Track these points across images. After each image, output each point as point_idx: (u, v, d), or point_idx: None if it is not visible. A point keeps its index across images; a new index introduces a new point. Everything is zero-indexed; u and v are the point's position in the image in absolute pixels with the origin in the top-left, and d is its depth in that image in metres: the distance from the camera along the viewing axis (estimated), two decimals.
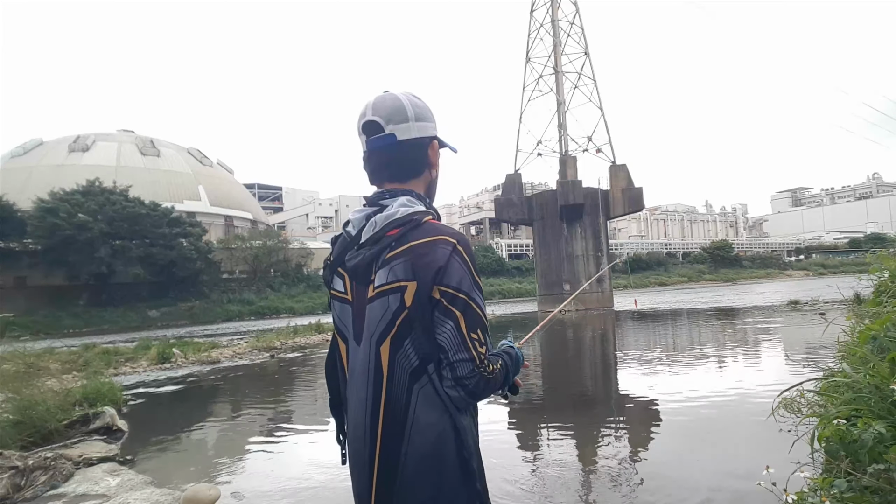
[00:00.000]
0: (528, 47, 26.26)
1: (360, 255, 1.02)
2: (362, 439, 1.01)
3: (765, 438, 3.84)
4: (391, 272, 0.97)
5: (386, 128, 1.05)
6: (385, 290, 0.97)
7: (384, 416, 0.97)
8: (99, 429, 5.23)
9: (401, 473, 0.96)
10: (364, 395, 1.00)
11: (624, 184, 23.91)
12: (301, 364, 10.59)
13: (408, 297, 0.96)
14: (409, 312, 0.96)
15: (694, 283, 55.58)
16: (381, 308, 0.98)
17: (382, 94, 1.09)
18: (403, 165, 1.08)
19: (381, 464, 0.97)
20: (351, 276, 1.04)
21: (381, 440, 0.97)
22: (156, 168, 49.59)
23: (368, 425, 0.99)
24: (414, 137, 1.07)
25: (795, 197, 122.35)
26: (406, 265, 0.96)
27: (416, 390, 0.97)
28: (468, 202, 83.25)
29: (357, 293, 1.03)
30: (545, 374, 8.57)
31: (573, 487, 3.40)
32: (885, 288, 5.35)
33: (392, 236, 0.99)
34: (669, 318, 16.99)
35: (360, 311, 1.02)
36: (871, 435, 1.85)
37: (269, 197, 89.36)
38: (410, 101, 1.08)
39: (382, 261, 0.98)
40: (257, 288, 40.21)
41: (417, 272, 0.95)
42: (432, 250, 0.96)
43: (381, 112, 1.06)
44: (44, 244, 31.08)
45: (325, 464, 4.05)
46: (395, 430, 0.97)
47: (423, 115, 1.09)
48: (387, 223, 1.00)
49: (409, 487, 0.96)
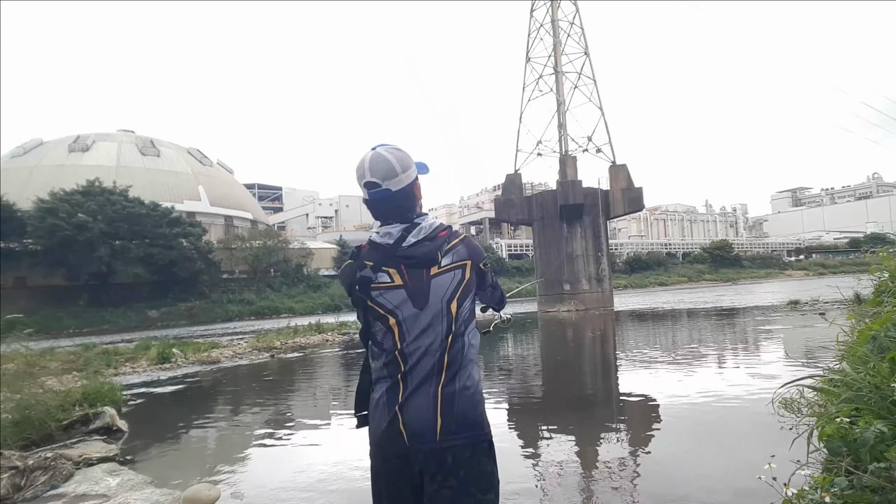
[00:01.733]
0: (528, 47, 26.27)
1: (423, 246, 1.43)
2: (429, 369, 1.36)
3: (765, 438, 3.84)
4: (455, 255, 1.45)
5: (382, 185, 1.43)
6: (451, 267, 1.43)
7: (451, 347, 1.39)
8: (99, 429, 5.23)
9: (458, 390, 1.37)
10: (440, 336, 1.39)
11: (624, 184, 23.91)
12: (301, 364, 10.59)
13: (468, 270, 1.46)
14: (468, 280, 1.45)
15: (694, 283, 55.61)
16: (449, 279, 1.42)
17: (374, 156, 1.44)
18: (403, 206, 1.47)
19: (444, 387, 1.36)
20: (412, 264, 1.42)
21: (448, 364, 1.37)
22: (156, 168, 49.57)
23: (440, 356, 1.38)
24: (403, 186, 1.45)
25: (795, 197, 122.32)
26: (463, 251, 1.47)
27: (468, 333, 1.43)
28: (468, 202, 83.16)
29: (412, 276, 1.41)
30: (545, 374, 8.57)
31: (573, 487, 3.40)
32: (885, 288, 5.35)
33: (443, 236, 1.46)
34: (669, 318, 16.99)
35: (419, 287, 1.40)
36: (873, 433, 1.85)
37: (269, 197, 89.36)
38: (396, 157, 1.44)
39: (445, 250, 1.44)
40: (257, 288, 40.23)
41: (471, 254, 1.48)
42: (473, 243, 1.52)
43: (378, 174, 1.43)
44: (44, 244, 31.09)
45: (325, 463, 4.05)
46: (457, 356, 1.39)
47: (406, 164, 1.46)
48: (434, 228, 1.47)
49: (464, 395, 1.37)
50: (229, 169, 62.27)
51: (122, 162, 48.19)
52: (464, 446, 1.33)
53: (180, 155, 54.26)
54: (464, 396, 1.37)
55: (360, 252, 1.47)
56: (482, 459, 1.36)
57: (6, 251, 30.55)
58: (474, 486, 1.32)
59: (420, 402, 1.34)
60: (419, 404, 1.34)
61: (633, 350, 9.96)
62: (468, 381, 1.39)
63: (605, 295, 23.77)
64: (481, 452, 1.37)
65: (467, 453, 1.33)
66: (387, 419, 1.35)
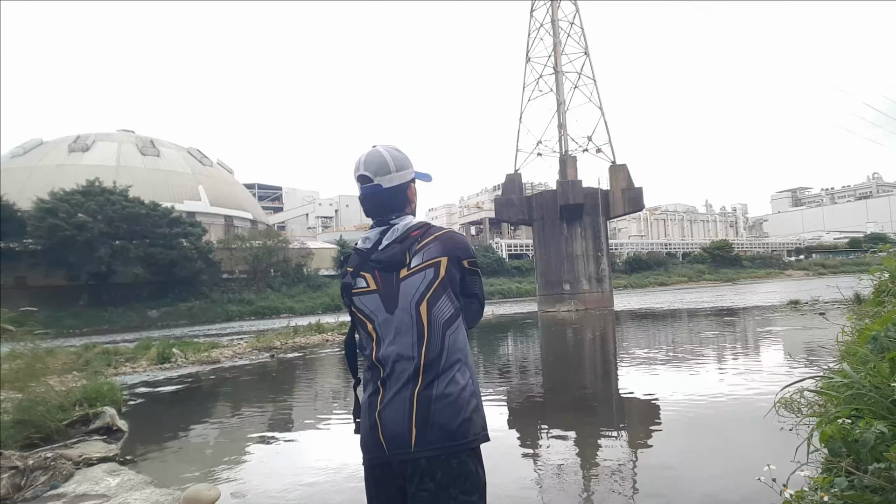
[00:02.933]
0: (528, 47, 26.27)
1: (391, 248, 1.39)
2: (405, 375, 1.33)
3: (765, 438, 3.84)
4: (425, 254, 1.38)
5: (374, 180, 1.43)
6: (421, 267, 1.37)
7: (426, 351, 1.34)
8: (99, 429, 5.22)
9: (435, 397, 1.31)
10: (411, 340, 1.35)
11: (624, 184, 23.91)
12: (301, 364, 10.59)
13: (442, 269, 1.38)
14: (442, 278, 1.38)
15: (694, 283, 55.61)
16: (419, 280, 1.36)
17: (371, 152, 1.45)
18: (391, 205, 1.46)
19: (420, 394, 1.31)
20: (382, 268, 1.39)
21: (423, 369, 1.32)
22: (156, 168, 49.56)
23: (414, 361, 1.33)
24: (395, 185, 1.44)
25: (795, 197, 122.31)
26: (437, 247, 1.39)
27: (447, 335, 1.36)
28: (468, 202, 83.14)
29: (384, 280, 1.39)
30: (545, 374, 8.57)
31: (573, 488, 3.40)
32: (885, 287, 5.35)
33: (415, 235, 1.41)
34: (669, 318, 16.99)
35: (390, 291, 1.38)
36: (874, 434, 1.86)
37: (269, 197, 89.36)
38: (392, 155, 1.44)
39: (414, 250, 1.39)
40: (257, 288, 40.21)
41: (447, 250, 1.40)
42: (453, 237, 1.44)
43: (370, 168, 1.43)
44: (44, 244, 31.09)
45: (325, 463, 4.05)
46: (434, 360, 1.34)
47: (402, 164, 1.46)
48: (407, 228, 1.43)
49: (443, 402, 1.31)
50: (229, 169, 62.26)
51: (122, 162, 48.19)
52: (439, 456, 1.29)
53: (180, 155, 54.26)
54: (442, 404, 1.31)
55: (347, 259, 1.48)
56: (465, 460, 1.32)
57: (6, 251, 30.54)
58: (455, 487, 1.29)
59: (396, 409, 1.31)
60: (395, 411, 1.31)
61: (633, 350, 9.96)
62: (449, 387, 1.33)
63: (605, 295, 23.77)
64: (464, 456, 1.32)
65: (444, 459, 1.29)
66: (368, 426, 1.36)
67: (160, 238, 34.73)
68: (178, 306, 35.07)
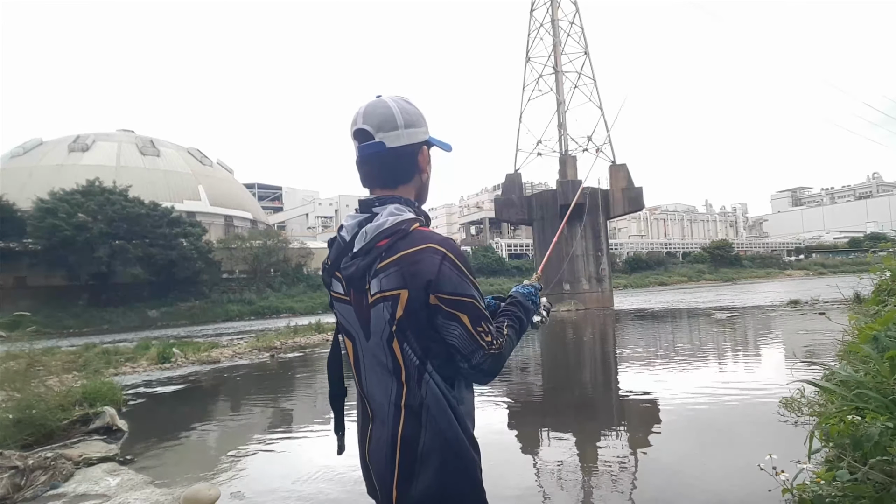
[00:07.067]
0: (528, 47, 26.26)
1: (353, 265, 1.06)
2: (385, 423, 1.06)
3: (766, 437, 3.83)
4: (383, 282, 1.02)
5: (375, 136, 1.08)
6: (378, 298, 1.03)
7: (406, 398, 1.04)
8: (99, 429, 5.22)
9: (420, 454, 1.02)
10: (388, 383, 1.06)
11: (624, 183, 23.92)
12: (301, 364, 10.59)
13: (400, 306, 1.01)
14: (400, 320, 1.02)
15: (694, 282, 55.56)
16: (379, 313, 1.04)
17: (374, 101, 1.11)
18: (393, 172, 1.11)
19: (402, 446, 1.03)
20: (347, 283, 1.09)
21: (405, 421, 1.03)
22: (156, 168, 49.53)
23: (393, 408, 1.05)
24: (403, 145, 1.09)
25: (795, 197, 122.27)
26: (397, 275, 1.00)
27: (424, 381, 1.04)
28: (468, 202, 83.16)
29: (355, 297, 1.08)
30: (545, 373, 8.57)
31: (574, 488, 3.39)
32: (886, 287, 5.35)
33: (382, 247, 1.02)
34: (669, 317, 16.99)
35: (362, 311, 1.07)
36: (878, 429, 1.86)
37: (269, 197, 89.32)
38: (401, 107, 1.10)
39: (374, 271, 1.02)
40: (257, 288, 40.18)
41: (408, 281, 1.00)
42: (421, 259, 1.00)
43: (372, 120, 1.08)
44: (44, 244, 31.04)
45: (325, 463, 4.04)
46: (415, 409, 1.03)
47: (414, 121, 1.11)
48: (376, 234, 1.04)
49: (426, 463, 1.02)
50: (229, 169, 62.24)
51: (122, 162, 48.15)
52: None
53: (180, 155, 54.22)
54: (427, 466, 1.02)
55: (331, 243, 1.15)
56: None
57: (6, 251, 30.51)
58: None
59: (380, 452, 1.07)
60: (379, 453, 1.07)
61: (633, 349, 9.95)
62: (433, 442, 1.02)
63: (605, 294, 23.78)
64: None
65: None
66: (360, 456, 1.15)
67: (160, 238, 34.69)
68: (177, 306, 35.03)
